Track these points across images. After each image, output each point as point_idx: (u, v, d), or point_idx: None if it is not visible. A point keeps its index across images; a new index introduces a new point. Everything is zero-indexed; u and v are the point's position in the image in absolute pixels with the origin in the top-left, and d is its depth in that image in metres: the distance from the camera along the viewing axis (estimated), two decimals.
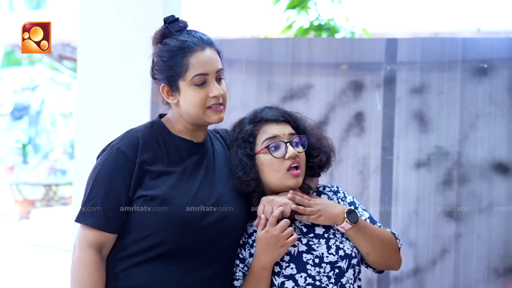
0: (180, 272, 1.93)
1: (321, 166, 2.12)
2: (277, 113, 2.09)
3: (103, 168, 1.94)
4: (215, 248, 1.98)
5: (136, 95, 3.76)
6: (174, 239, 1.92)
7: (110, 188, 1.92)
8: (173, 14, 2.07)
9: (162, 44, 2.01)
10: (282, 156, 2.01)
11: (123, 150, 1.95)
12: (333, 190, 2.15)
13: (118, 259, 1.95)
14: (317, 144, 2.12)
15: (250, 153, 2.04)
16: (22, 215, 10.53)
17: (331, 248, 2.00)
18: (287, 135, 2.04)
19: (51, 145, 14.88)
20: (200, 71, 1.96)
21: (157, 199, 1.91)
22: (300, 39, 4.03)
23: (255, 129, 2.06)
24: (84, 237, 1.92)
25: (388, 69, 3.45)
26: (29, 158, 14.14)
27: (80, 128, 3.92)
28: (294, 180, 2.01)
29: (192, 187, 1.97)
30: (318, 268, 1.98)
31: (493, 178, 3.34)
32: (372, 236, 2.01)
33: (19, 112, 14.97)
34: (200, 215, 1.94)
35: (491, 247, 3.32)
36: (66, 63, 10.04)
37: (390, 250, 2.04)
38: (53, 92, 14.35)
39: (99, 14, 3.87)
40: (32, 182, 11.24)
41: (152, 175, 1.94)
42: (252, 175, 2.01)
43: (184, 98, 1.97)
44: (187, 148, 2.03)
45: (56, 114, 14.72)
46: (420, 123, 3.42)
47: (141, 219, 1.93)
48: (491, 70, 3.35)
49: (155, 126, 2.05)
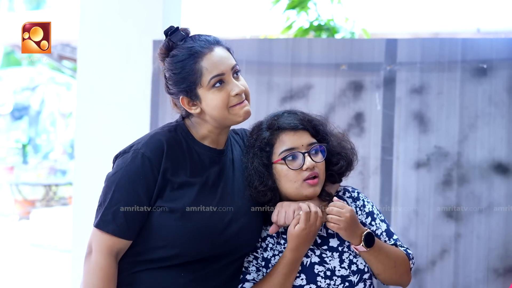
0: (189, 279, 1.91)
1: (341, 173, 2.07)
2: (295, 121, 2.01)
3: (126, 173, 1.88)
4: (228, 259, 1.96)
5: (136, 95, 3.77)
6: (190, 253, 1.90)
7: (133, 195, 1.87)
8: (172, 19, 2.05)
9: (169, 58, 1.94)
10: (299, 168, 1.96)
11: (148, 156, 1.89)
12: (353, 196, 2.10)
13: (130, 263, 1.92)
14: (337, 149, 2.05)
15: (267, 162, 1.99)
16: (22, 215, 10.53)
17: (344, 262, 1.98)
18: (305, 146, 1.98)
19: (51, 145, 14.87)
20: (215, 72, 1.90)
21: (176, 212, 1.88)
22: (300, 39, 4.03)
23: (272, 138, 2.00)
24: (103, 243, 1.88)
25: (387, 69, 3.46)
26: (29, 158, 14.13)
27: (80, 128, 3.92)
28: (311, 189, 1.97)
29: (212, 201, 1.93)
30: (329, 280, 1.96)
31: (493, 179, 3.34)
32: (384, 258, 1.98)
33: (19, 112, 14.96)
34: (219, 230, 1.91)
35: (491, 247, 3.32)
36: (66, 63, 10.03)
37: (402, 271, 2.02)
38: (53, 92, 14.34)
39: (99, 14, 3.88)
40: (32, 182, 11.23)
41: (174, 186, 1.90)
42: (269, 184, 1.97)
43: (206, 104, 1.91)
44: (210, 156, 1.98)
45: (56, 114, 14.71)
46: (420, 123, 3.42)
47: (158, 229, 1.89)
48: (490, 70, 3.35)
49: (179, 130, 1.98)
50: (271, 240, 2.03)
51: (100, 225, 1.89)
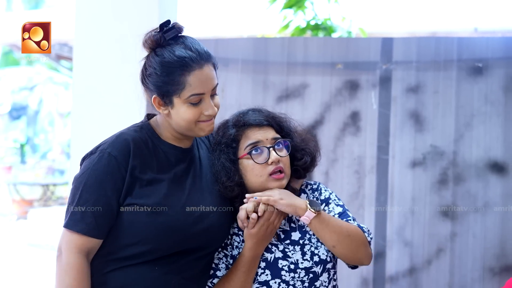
0: (163, 272, 1.94)
1: (305, 168, 2.12)
2: (260, 117, 2.07)
3: (93, 173, 1.91)
4: (200, 252, 1.99)
5: (132, 94, 3.76)
6: (162, 247, 1.92)
7: (101, 194, 1.90)
8: (168, 18, 2.04)
9: (156, 55, 1.95)
10: (264, 162, 2.01)
11: (114, 155, 1.92)
12: (313, 188, 2.15)
13: (103, 262, 1.94)
14: (301, 146, 2.11)
15: (233, 158, 2.04)
16: (19, 215, 10.52)
17: (306, 254, 2.02)
18: (270, 140, 2.04)
19: (49, 145, 14.85)
20: (197, 91, 1.92)
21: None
22: (296, 38, 4.03)
23: (238, 134, 2.05)
24: (72, 242, 1.90)
25: (383, 68, 3.45)
26: (27, 158, 14.11)
27: (76, 128, 3.91)
28: (276, 183, 2.01)
29: (182, 196, 1.96)
30: (293, 273, 2.00)
31: (489, 178, 3.34)
32: (337, 228, 1.98)
33: (17, 112, 14.94)
34: (189, 224, 1.94)
35: (487, 246, 3.32)
36: (64, 63, 10.02)
37: (357, 242, 2.00)
38: (51, 92, 14.32)
39: (94, 14, 3.87)
40: (30, 182, 11.22)
41: (143, 183, 1.92)
42: (235, 180, 2.01)
43: (177, 113, 1.95)
44: (175, 155, 2.01)
45: (54, 114, 14.69)
46: (416, 122, 3.42)
47: (129, 226, 1.91)
48: (486, 69, 3.35)
49: (145, 129, 2.02)
50: (237, 238, 2.08)
51: (69, 225, 1.91)
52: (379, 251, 3.41)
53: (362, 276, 3.43)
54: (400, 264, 3.39)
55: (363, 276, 3.43)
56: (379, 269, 3.42)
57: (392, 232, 3.41)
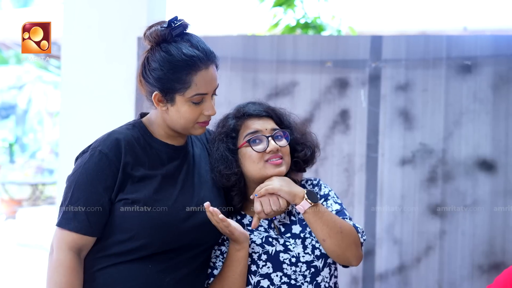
0: (157, 270, 1.93)
1: (306, 160, 2.13)
2: (260, 108, 2.10)
3: (84, 171, 1.91)
4: (194, 250, 1.98)
5: (121, 93, 3.75)
6: (155, 243, 1.92)
7: (92, 192, 1.90)
8: (157, 16, 2.04)
9: (163, 51, 1.93)
10: (263, 150, 2.02)
11: (105, 153, 1.92)
12: (313, 183, 2.16)
13: (96, 259, 1.94)
14: (301, 139, 2.12)
15: (232, 147, 2.05)
16: (8, 215, 10.46)
17: (307, 248, 2.01)
18: (269, 130, 2.05)
19: (38, 144, 14.80)
20: (201, 91, 1.93)
21: (138, 203, 1.90)
22: (285, 36, 4.03)
23: (238, 124, 2.07)
24: (64, 239, 1.90)
25: (373, 66, 3.46)
26: (16, 157, 14.05)
27: (65, 127, 3.90)
28: (275, 169, 2.01)
29: (174, 191, 1.96)
30: (294, 267, 2.00)
31: (477, 175, 3.35)
32: (330, 222, 1.97)
33: (6, 111, 14.87)
34: (181, 220, 1.94)
35: (476, 244, 3.33)
36: (53, 61, 9.97)
37: (349, 241, 1.98)
38: (40, 91, 14.27)
39: (82, 12, 3.86)
40: (19, 182, 11.16)
41: (135, 179, 1.93)
42: (233, 169, 2.02)
43: (177, 110, 1.95)
44: (168, 152, 2.01)
45: (43, 113, 14.64)
46: (405, 120, 3.43)
47: (122, 222, 1.91)
48: (475, 67, 3.36)
49: (137, 127, 2.02)
50: None
51: (62, 224, 1.91)
52: (369, 249, 3.41)
53: (352, 274, 3.43)
54: (390, 262, 3.40)
55: (352, 274, 3.43)
56: (369, 267, 3.42)
57: (381, 230, 3.41)
